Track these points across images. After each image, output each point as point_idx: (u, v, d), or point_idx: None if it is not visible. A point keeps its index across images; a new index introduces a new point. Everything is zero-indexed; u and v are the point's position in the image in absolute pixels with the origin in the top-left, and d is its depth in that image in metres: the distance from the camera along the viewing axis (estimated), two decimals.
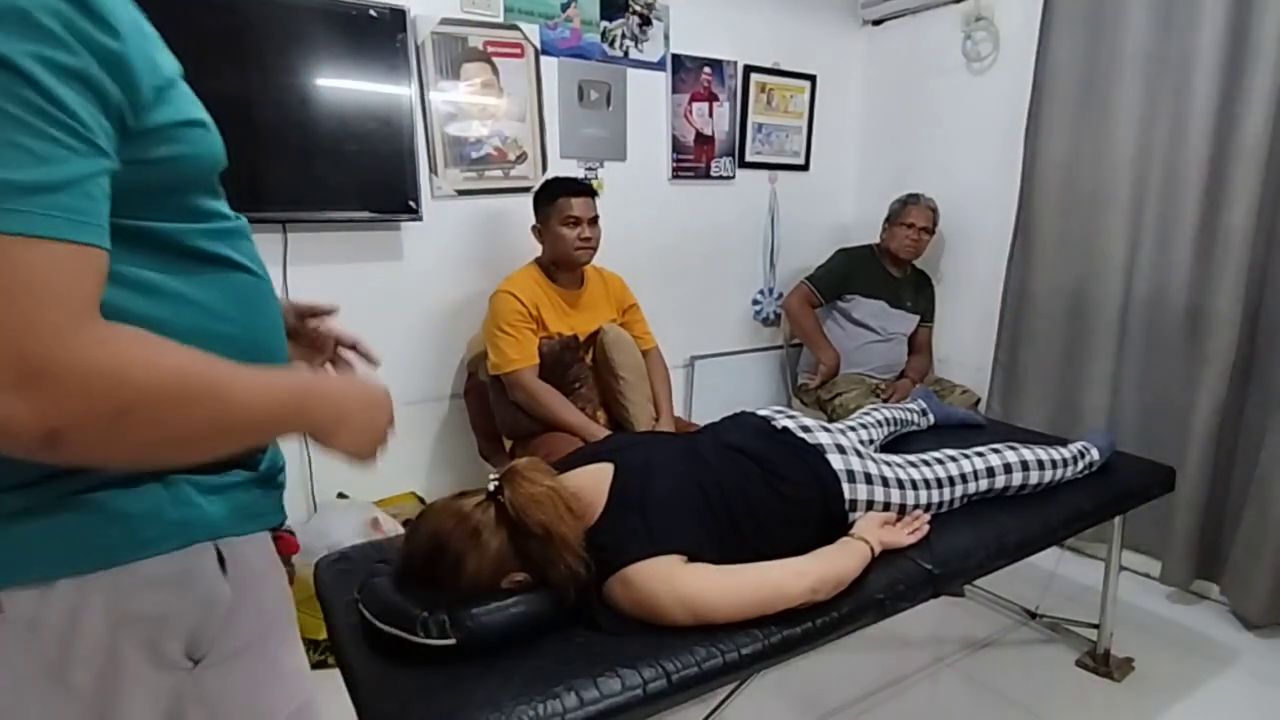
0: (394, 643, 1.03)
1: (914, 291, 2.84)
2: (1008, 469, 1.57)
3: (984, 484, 1.54)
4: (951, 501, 1.51)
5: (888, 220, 2.79)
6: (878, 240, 2.83)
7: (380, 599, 1.09)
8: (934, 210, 2.75)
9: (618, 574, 1.10)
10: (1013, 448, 1.62)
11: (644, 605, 1.09)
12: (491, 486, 1.12)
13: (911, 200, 2.75)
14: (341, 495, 2.23)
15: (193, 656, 0.61)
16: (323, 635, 1.84)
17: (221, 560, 0.63)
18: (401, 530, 1.90)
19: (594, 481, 1.23)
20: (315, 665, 1.90)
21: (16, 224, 0.45)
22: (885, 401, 2.53)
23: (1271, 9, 1.95)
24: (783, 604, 1.12)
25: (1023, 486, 1.60)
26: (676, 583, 1.10)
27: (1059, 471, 1.64)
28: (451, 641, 1.01)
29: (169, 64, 0.61)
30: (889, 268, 2.79)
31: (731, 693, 1.41)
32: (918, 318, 2.85)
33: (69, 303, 0.47)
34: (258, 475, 0.68)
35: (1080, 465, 1.69)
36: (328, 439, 0.69)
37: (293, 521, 2.04)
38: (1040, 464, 1.61)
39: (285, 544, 0.63)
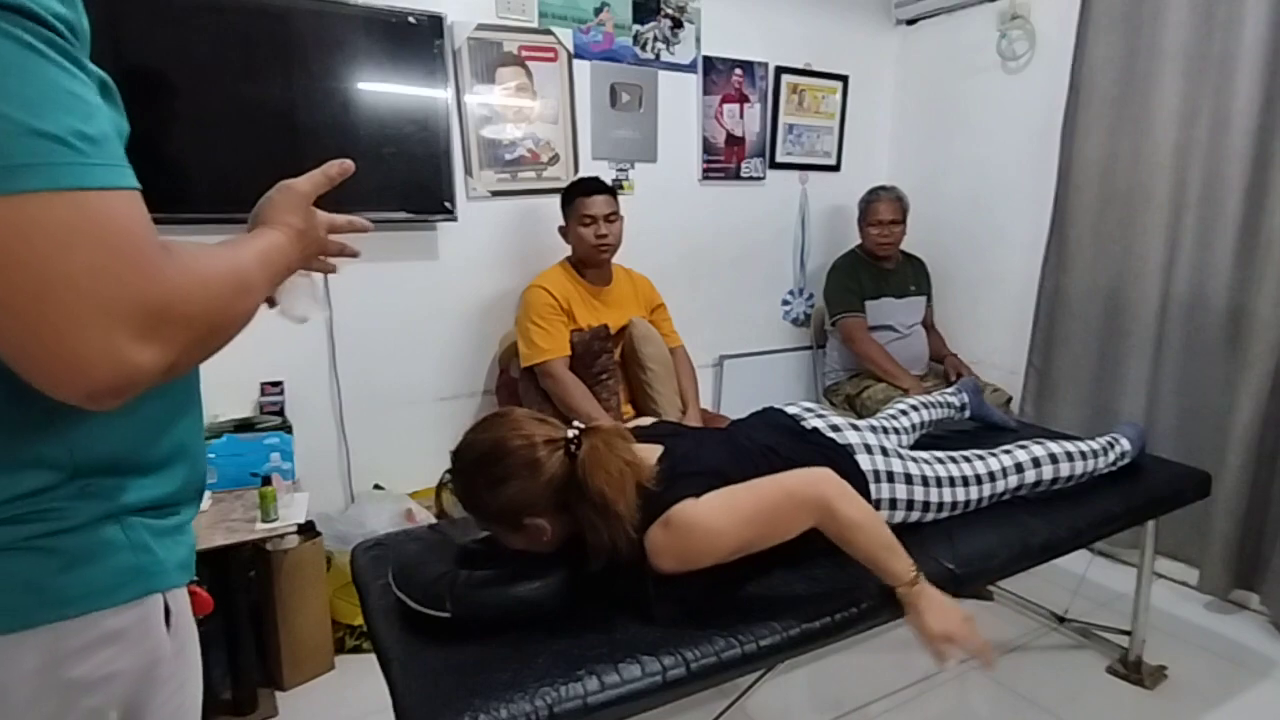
0: (423, 622, 1.08)
1: (913, 275, 2.84)
2: (1036, 463, 1.55)
3: (1013, 480, 1.53)
4: (980, 500, 1.50)
5: (859, 220, 2.78)
6: (859, 243, 2.82)
7: (400, 562, 1.16)
8: (900, 199, 2.72)
9: (660, 518, 1.09)
10: (1039, 442, 1.61)
11: (683, 539, 1.08)
12: (571, 434, 1.13)
13: (873, 197, 2.72)
14: (378, 487, 2.30)
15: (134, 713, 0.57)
16: (359, 620, 1.91)
17: (168, 613, 0.58)
18: (435, 521, 1.96)
19: (646, 453, 1.24)
20: (350, 650, 1.97)
21: (106, 178, 0.45)
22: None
23: None
24: (793, 502, 1.13)
25: (1054, 481, 1.57)
26: (707, 504, 1.11)
27: (1090, 463, 1.61)
28: (446, 614, 1.06)
29: None
30: (881, 264, 2.77)
31: (751, 685, 1.43)
32: (924, 298, 2.84)
33: (155, 245, 0.48)
34: (192, 516, 0.64)
35: (1112, 456, 1.66)
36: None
37: (330, 512, 2.12)
38: (1069, 455, 1.59)
39: (200, 602, 0.58)
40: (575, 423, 1.15)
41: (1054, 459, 1.57)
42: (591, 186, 2.20)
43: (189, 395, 0.64)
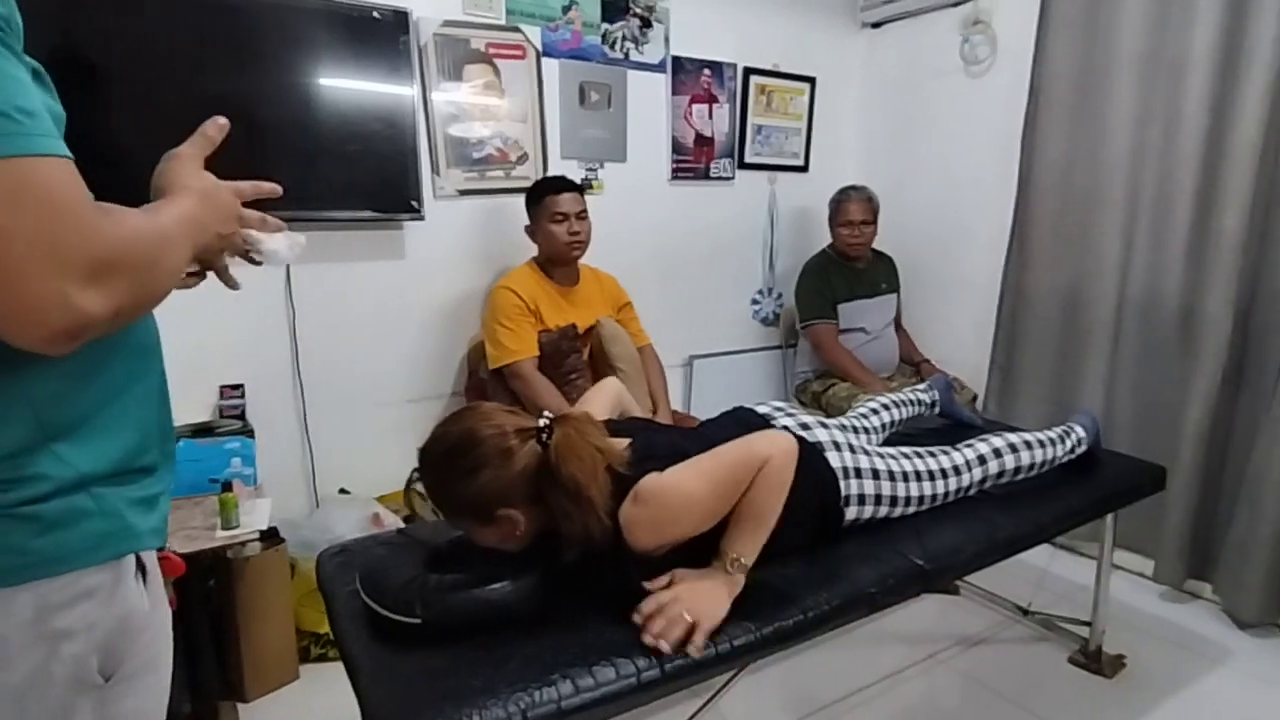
0: (392, 629, 1.06)
1: (884, 272, 2.86)
2: (997, 453, 1.59)
3: (978, 472, 1.56)
4: (947, 494, 1.53)
5: (830, 220, 2.79)
6: (830, 242, 2.84)
7: (368, 567, 1.14)
8: (870, 200, 2.73)
9: (630, 493, 1.09)
10: (999, 434, 1.65)
11: (654, 508, 1.08)
12: (542, 423, 1.12)
13: (844, 197, 2.73)
14: (343, 491, 2.25)
15: (105, 673, 0.62)
16: (324, 628, 1.87)
17: (143, 571, 0.65)
18: (403, 525, 1.93)
19: (616, 442, 1.22)
20: (316, 659, 1.92)
21: (44, 146, 0.51)
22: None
23: (1265, 12, 1.97)
24: (752, 459, 1.12)
25: (1017, 469, 1.61)
26: (673, 472, 1.11)
27: (1048, 450, 1.66)
28: (417, 620, 1.04)
29: None
30: (852, 264, 2.79)
31: (724, 685, 1.43)
32: (895, 295, 2.87)
33: (92, 204, 0.53)
34: (169, 488, 0.71)
35: (1069, 443, 1.71)
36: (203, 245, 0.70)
37: (295, 517, 2.08)
38: (1028, 444, 1.63)
39: (171, 565, 0.62)
40: (545, 413, 1.15)
41: (1013, 448, 1.61)
42: (559, 184, 2.19)
43: (146, 364, 0.69)
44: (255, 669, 1.80)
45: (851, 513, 1.40)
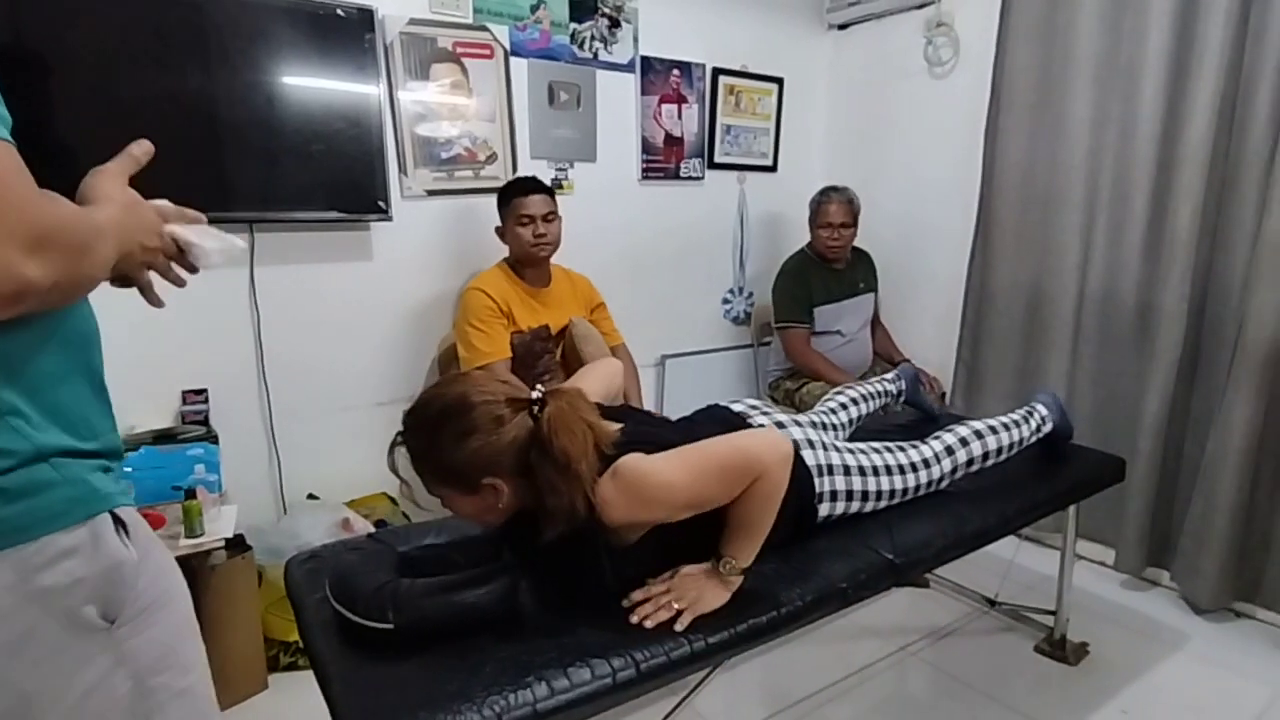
0: (364, 635, 1.04)
1: (862, 272, 2.86)
2: (964, 441, 1.62)
3: (947, 463, 1.58)
4: (918, 487, 1.55)
5: (810, 221, 2.77)
6: (809, 241, 2.82)
7: (338, 573, 1.12)
8: (851, 202, 2.71)
9: (608, 470, 1.09)
10: (964, 424, 1.68)
11: (631, 487, 1.08)
12: (535, 395, 1.12)
13: (825, 199, 2.71)
14: (312, 496, 2.21)
15: (108, 618, 0.65)
16: (293, 636, 1.84)
17: (122, 525, 0.68)
18: (374, 530, 1.90)
19: (608, 424, 1.22)
20: (285, 668, 1.89)
21: None
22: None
23: (1214, 18, 2.04)
24: (743, 461, 1.12)
25: (985, 455, 1.63)
26: (656, 458, 1.11)
27: (1013, 433, 1.68)
28: (389, 625, 1.02)
29: None
30: (830, 265, 2.77)
31: (700, 683, 1.44)
32: (873, 294, 2.88)
33: (34, 185, 0.57)
34: (120, 458, 0.75)
35: (1034, 422, 1.74)
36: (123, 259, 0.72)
37: (262, 524, 2.04)
38: (993, 429, 1.66)
39: (153, 519, 0.70)
40: (539, 386, 1.15)
41: (979, 435, 1.64)
42: (528, 186, 2.18)
43: (87, 354, 0.71)
44: (223, 679, 1.73)
45: (825, 509, 1.42)
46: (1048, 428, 1.77)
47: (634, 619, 1.11)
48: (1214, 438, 2.10)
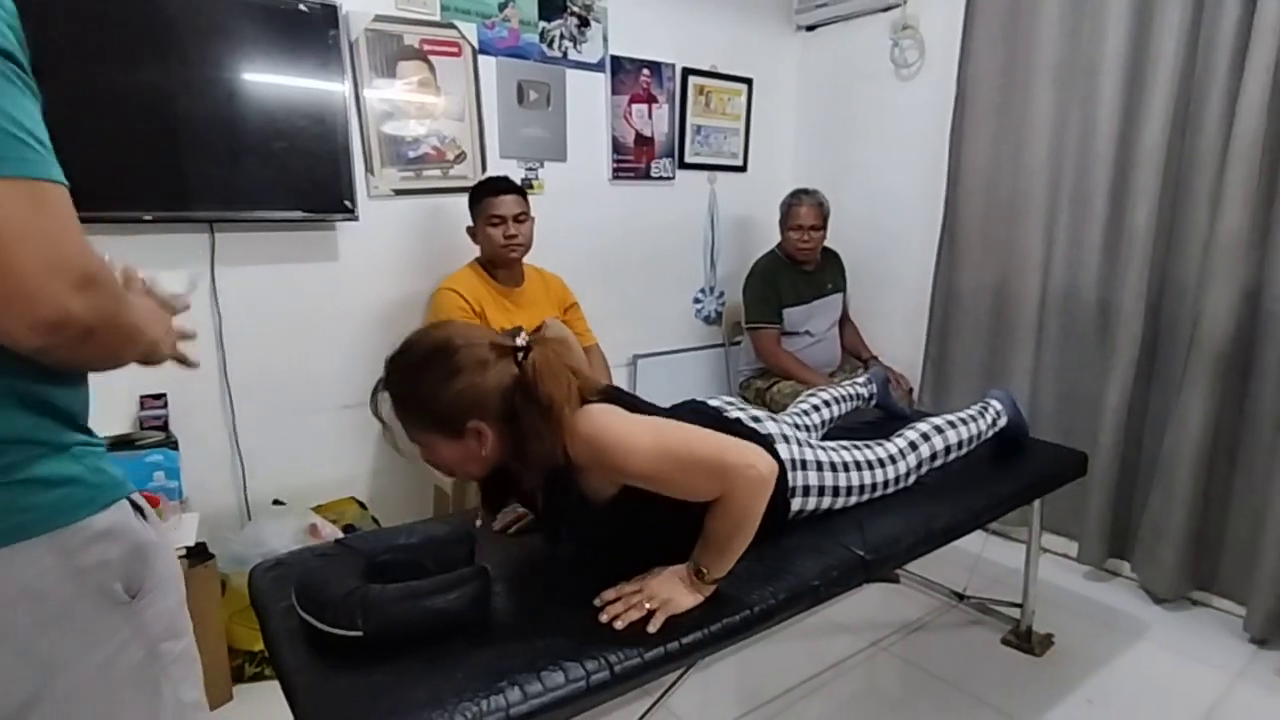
0: (332, 643, 1.02)
1: (831, 273, 2.89)
2: (925, 437, 1.66)
3: (912, 459, 1.62)
4: (885, 483, 1.57)
5: (780, 224, 2.80)
6: (779, 242, 2.84)
7: (304, 581, 1.09)
8: (822, 205, 2.74)
9: (578, 412, 1.10)
10: (924, 420, 1.73)
11: (596, 432, 1.09)
12: (520, 342, 1.12)
13: (795, 201, 2.73)
14: (278, 502, 2.17)
15: (130, 593, 0.72)
16: (258, 646, 1.79)
17: (139, 509, 0.76)
18: (342, 535, 1.87)
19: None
20: (250, 678, 1.85)
21: (56, 173, 0.62)
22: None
23: (1167, 25, 2.10)
24: (721, 472, 1.11)
25: (947, 449, 1.67)
26: (632, 418, 1.13)
27: (971, 427, 1.74)
28: (358, 633, 1.01)
29: None
30: (801, 266, 2.79)
31: (674, 683, 1.44)
32: (841, 294, 2.91)
33: (82, 230, 0.63)
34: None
35: (989, 416, 1.80)
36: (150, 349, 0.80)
37: (225, 531, 1.99)
38: (951, 423, 1.71)
39: (151, 500, 0.78)
40: (523, 334, 1.15)
41: (939, 429, 1.69)
42: (500, 186, 2.16)
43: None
44: None
45: (797, 504, 1.43)
46: (1003, 421, 1.82)
47: (604, 618, 1.10)
48: (1171, 432, 2.16)
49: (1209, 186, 2.09)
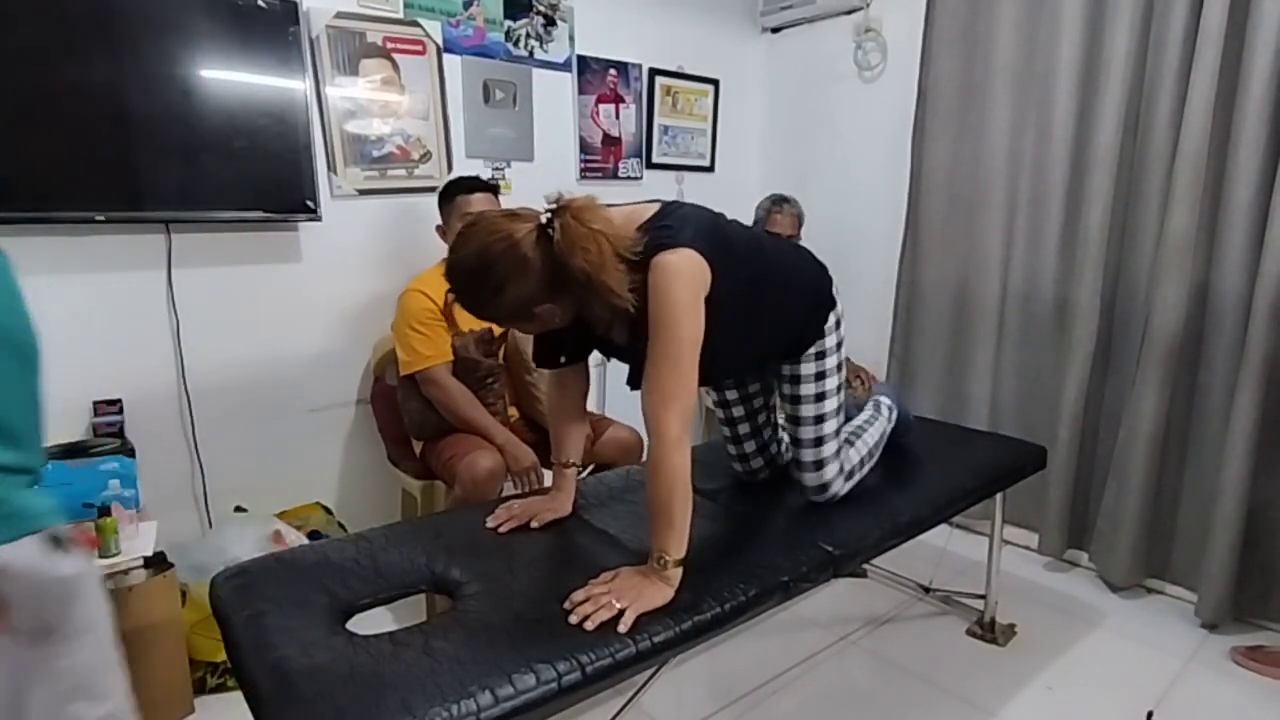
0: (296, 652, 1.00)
1: None
2: (849, 442, 1.67)
3: (847, 466, 1.62)
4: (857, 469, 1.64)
5: (755, 225, 2.80)
6: None
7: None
8: (799, 216, 2.78)
9: (653, 262, 1.15)
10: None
11: (661, 282, 1.15)
12: (544, 218, 1.15)
13: (776, 208, 2.77)
14: (239, 509, 2.12)
15: (40, 635, 0.67)
16: (221, 656, 1.75)
17: (59, 542, 0.71)
18: (307, 542, 1.83)
19: (625, 217, 1.25)
20: (213, 689, 1.80)
21: None
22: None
23: (1120, 29, 2.16)
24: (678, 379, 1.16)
25: (870, 454, 1.71)
26: (692, 285, 1.17)
27: (876, 427, 1.77)
28: None
29: None
30: None
31: (646, 682, 1.44)
32: None
33: None
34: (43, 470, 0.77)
35: (884, 412, 1.85)
36: None
37: (185, 540, 1.94)
38: (860, 428, 1.74)
39: (87, 539, 0.74)
40: (547, 205, 1.17)
41: (849, 441, 1.67)
42: (472, 184, 2.13)
43: (32, 366, 0.73)
44: (145, 704, 1.63)
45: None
46: (897, 413, 1.89)
47: (573, 619, 1.10)
48: (1125, 425, 2.23)
49: (1159, 188, 2.16)
